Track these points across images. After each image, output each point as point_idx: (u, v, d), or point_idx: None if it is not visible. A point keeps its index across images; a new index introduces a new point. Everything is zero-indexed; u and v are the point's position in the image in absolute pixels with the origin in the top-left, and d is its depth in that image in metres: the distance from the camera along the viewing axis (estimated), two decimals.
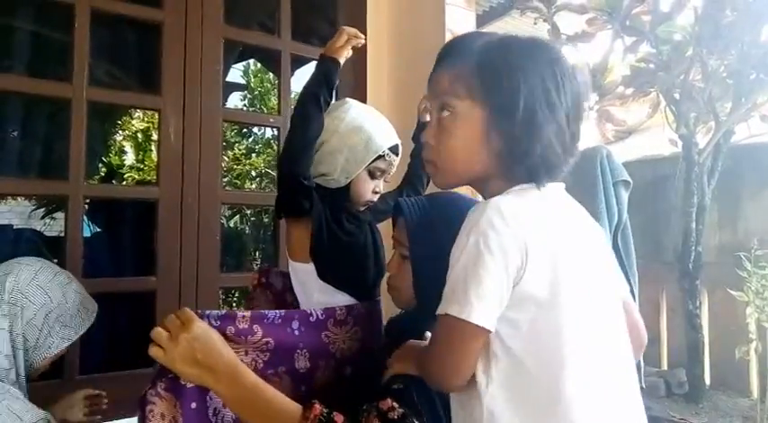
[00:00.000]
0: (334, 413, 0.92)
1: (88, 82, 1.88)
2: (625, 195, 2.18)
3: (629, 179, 2.20)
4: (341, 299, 1.29)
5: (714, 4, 2.93)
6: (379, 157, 1.34)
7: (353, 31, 1.37)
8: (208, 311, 1.03)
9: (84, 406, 1.47)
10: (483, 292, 0.77)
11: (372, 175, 1.36)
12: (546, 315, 0.79)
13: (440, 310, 0.81)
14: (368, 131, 1.34)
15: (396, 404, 0.90)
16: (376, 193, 1.38)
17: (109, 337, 2.39)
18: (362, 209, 1.41)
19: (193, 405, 1.02)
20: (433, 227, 1.01)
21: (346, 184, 1.36)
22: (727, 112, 3.13)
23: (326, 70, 1.33)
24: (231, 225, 6.68)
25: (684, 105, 3.08)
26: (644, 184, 3.60)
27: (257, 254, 5.68)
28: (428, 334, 0.98)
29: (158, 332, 0.95)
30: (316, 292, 1.31)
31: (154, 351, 0.95)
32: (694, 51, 2.98)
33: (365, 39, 1.42)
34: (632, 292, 2.21)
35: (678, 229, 3.27)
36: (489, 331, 0.78)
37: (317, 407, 0.92)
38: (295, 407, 0.94)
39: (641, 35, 3.23)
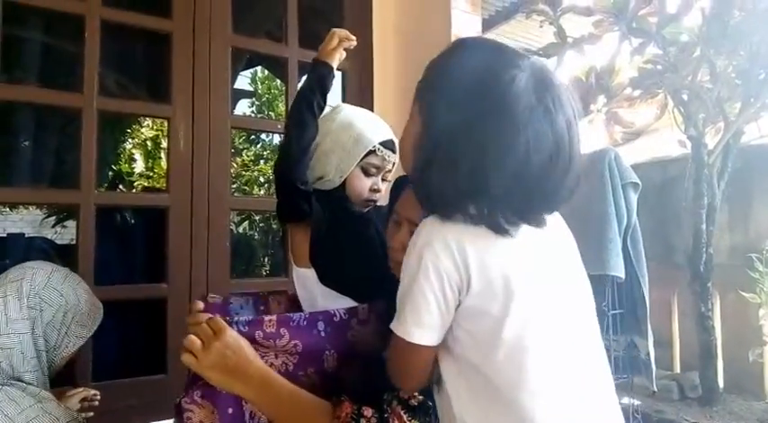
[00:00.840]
0: (363, 408, 0.95)
1: (98, 91, 1.91)
2: (634, 197, 2.17)
3: (638, 181, 2.19)
4: (343, 303, 1.28)
5: (721, 5, 2.92)
6: (371, 152, 1.33)
7: (345, 32, 1.37)
8: (236, 318, 1.05)
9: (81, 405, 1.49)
10: (418, 311, 0.80)
11: (366, 172, 1.35)
12: (500, 325, 0.79)
13: (392, 326, 0.85)
14: (357, 128, 1.34)
15: (415, 392, 0.94)
16: (375, 190, 1.36)
17: (121, 343, 2.40)
18: (366, 209, 1.40)
19: (230, 410, 1.03)
20: None
21: (342, 184, 1.36)
22: (736, 113, 3.11)
23: (320, 75, 1.33)
24: (240, 231, 6.72)
25: (693, 106, 3.07)
26: (653, 186, 3.58)
27: (266, 259, 5.71)
28: None
29: (191, 340, 0.97)
30: (318, 297, 1.31)
31: (186, 358, 0.97)
32: (702, 52, 2.97)
33: (368, 40, 1.43)
34: (643, 294, 2.20)
35: (689, 231, 3.24)
36: (430, 346, 0.82)
37: (347, 404, 0.95)
38: (326, 406, 0.97)
39: (648, 37, 3.22)
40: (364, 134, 1.34)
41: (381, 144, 1.34)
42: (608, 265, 2.00)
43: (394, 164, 1.39)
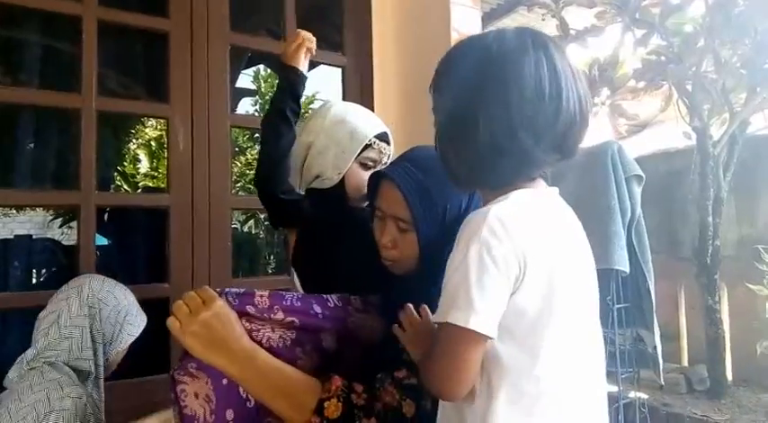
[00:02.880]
0: (354, 383, 0.94)
1: (97, 92, 1.91)
2: (638, 190, 2.15)
3: (642, 174, 2.17)
4: None
5: None
6: (367, 146, 1.32)
7: (306, 35, 1.34)
8: (227, 289, 1.03)
9: None
10: (487, 300, 0.77)
11: (365, 167, 1.33)
12: (536, 326, 0.79)
13: (439, 318, 0.80)
14: (351, 123, 1.32)
15: (410, 372, 0.92)
16: None
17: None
18: (364, 204, 1.38)
19: (224, 381, 1.01)
20: (429, 193, 1.01)
21: (341, 182, 1.34)
22: (741, 103, 3.07)
23: (289, 81, 1.32)
24: (246, 230, 6.73)
25: (697, 97, 3.03)
26: (659, 178, 3.55)
27: (271, 258, 5.71)
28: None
29: (178, 305, 0.96)
30: None
31: (170, 321, 0.95)
32: (706, 42, 2.93)
33: (368, 36, 1.42)
34: (648, 288, 2.18)
35: (695, 224, 3.21)
36: (490, 338, 0.78)
37: (337, 379, 0.94)
38: (314, 382, 0.95)
39: (651, 28, 3.19)
40: (359, 129, 1.32)
41: (377, 137, 1.33)
42: (612, 259, 1.99)
43: (389, 156, 1.38)
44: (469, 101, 0.83)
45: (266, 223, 6.28)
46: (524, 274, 0.78)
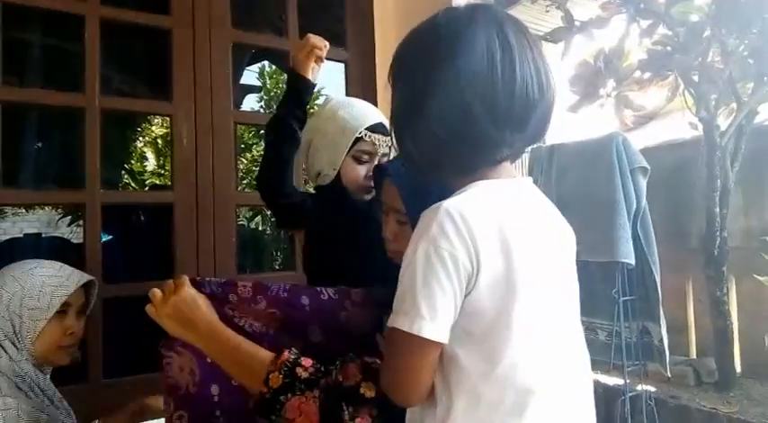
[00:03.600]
0: (302, 358, 0.97)
1: (101, 91, 1.91)
2: (643, 182, 2.13)
3: (647, 166, 2.15)
4: None
5: None
6: (359, 139, 1.32)
7: (316, 40, 1.31)
8: (209, 279, 1.12)
9: None
10: (434, 303, 0.73)
11: (359, 160, 1.34)
12: (495, 327, 0.76)
13: (389, 322, 0.78)
14: (342, 117, 1.33)
15: (379, 360, 0.92)
16: (371, 177, 1.34)
17: (131, 340, 2.42)
18: (368, 197, 1.38)
19: (209, 358, 1.09)
20: (423, 186, 1.00)
21: (339, 177, 1.36)
22: (748, 93, 3.03)
23: (294, 89, 1.31)
24: (253, 226, 6.74)
25: (704, 87, 3.00)
26: (666, 169, 3.51)
27: (278, 253, 5.73)
28: None
29: (153, 292, 1.07)
30: None
31: (147, 307, 1.08)
32: (712, 31, 2.89)
33: (369, 29, 1.40)
34: (654, 280, 2.17)
35: (702, 215, 3.18)
36: (442, 344, 0.76)
37: (286, 353, 0.98)
38: (268, 354, 0.99)
39: (657, 17, 3.15)
40: (349, 123, 1.33)
41: (369, 129, 1.32)
42: (618, 252, 1.98)
43: (390, 146, 1.37)
44: (420, 82, 0.81)
45: (273, 220, 6.30)
46: (478, 273, 0.74)
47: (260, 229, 6.45)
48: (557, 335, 0.82)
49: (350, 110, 1.36)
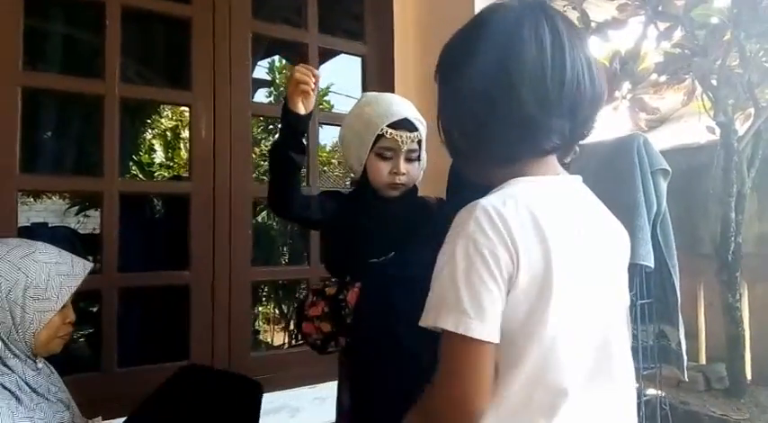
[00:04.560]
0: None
1: (120, 79, 1.90)
2: (663, 184, 2.10)
3: (668, 168, 2.13)
4: None
5: None
6: (380, 136, 1.32)
7: (301, 76, 1.26)
8: None
9: None
10: (480, 301, 0.71)
11: (382, 156, 1.34)
12: (531, 323, 0.74)
13: (428, 321, 0.74)
14: (367, 114, 1.35)
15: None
16: (396, 173, 1.34)
17: (146, 330, 2.42)
18: (395, 194, 1.38)
19: None
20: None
21: (365, 173, 1.38)
22: (767, 98, 3.01)
23: (287, 122, 1.30)
24: (259, 220, 6.72)
25: (722, 91, 2.98)
26: (679, 173, 3.49)
27: (284, 249, 5.71)
28: None
29: None
30: None
31: None
32: (732, 35, 2.87)
33: (388, 24, 1.40)
34: (673, 283, 2.15)
35: (716, 220, 3.16)
36: (493, 344, 0.72)
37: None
38: None
39: (675, 20, 3.12)
40: (372, 119, 1.33)
41: (392, 125, 1.32)
42: (637, 254, 1.95)
43: (419, 141, 1.37)
44: (468, 68, 0.80)
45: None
46: (518, 271, 0.72)
47: (267, 223, 6.43)
48: (595, 338, 0.79)
49: (375, 107, 1.36)
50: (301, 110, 1.28)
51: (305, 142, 1.34)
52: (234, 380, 1.46)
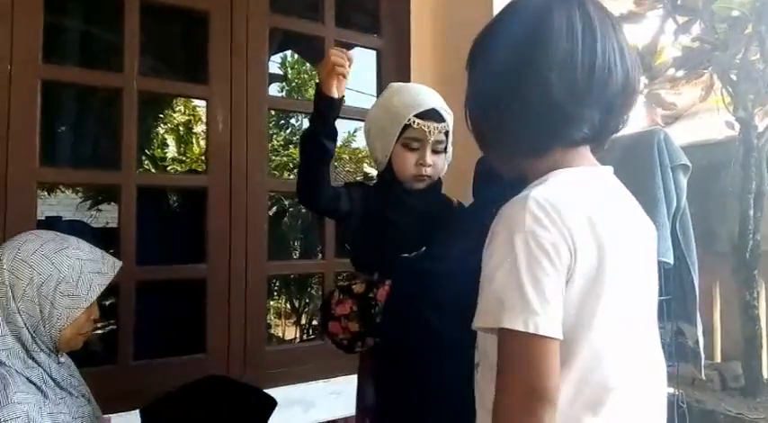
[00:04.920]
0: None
1: (138, 72, 1.90)
2: (684, 180, 2.08)
3: (688, 163, 2.10)
4: None
5: None
6: (407, 126, 1.30)
7: (337, 59, 1.24)
8: None
9: None
10: (545, 296, 0.68)
11: (408, 147, 1.32)
12: (581, 319, 0.72)
13: (489, 323, 0.71)
14: (394, 105, 1.33)
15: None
16: (422, 164, 1.33)
17: (162, 323, 2.42)
18: (421, 186, 1.37)
19: None
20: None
21: (390, 165, 1.36)
22: None
23: (320, 108, 1.28)
24: (270, 214, 6.74)
25: (742, 86, 2.93)
26: (697, 170, 3.45)
27: (296, 243, 5.73)
28: None
29: None
30: None
31: None
32: (753, 29, 2.82)
33: (405, 20, 1.39)
34: (692, 280, 2.13)
35: (734, 217, 3.12)
36: (558, 339, 0.69)
37: None
38: None
39: (694, 14, 3.08)
40: (398, 110, 1.31)
41: (419, 116, 1.30)
42: (657, 251, 1.93)
43: (447, 132, 1.35)
44: (497, 58, 0.79)
45: (290, 209, 6.31)
46: (575, 264, 0.70)
47: (277, 217, 6.45)
48: (637, 333, 0.79)
49: (401, 96, 1.34)
50: (335, 94, 1.26)
51: (336, 128, 1.32)
52: (250, 392, 1.47)
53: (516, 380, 0.69)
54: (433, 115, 1.31)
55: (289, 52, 6.68)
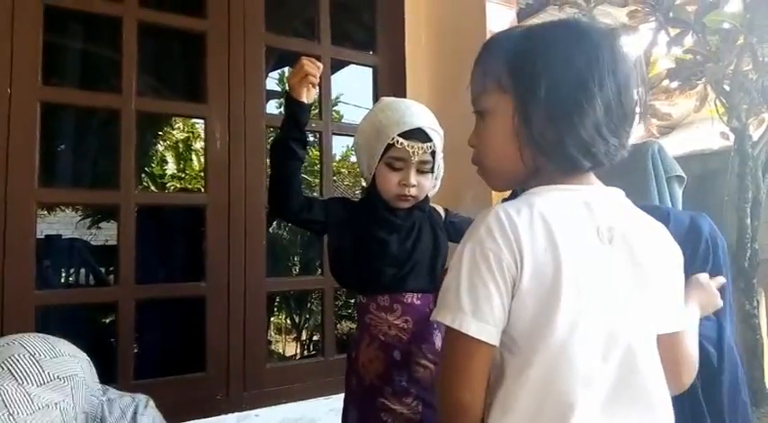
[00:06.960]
0: None
1: (136, 92, 1.92)
2: (679, 191, 2.09)
3: (683, 174, 2.11)
4: None
5: None
6: (390, 145, 1.29)
7: (309, 68, 1.29)
8: None
9: None
10: (477, 300, 0.74)
11: (391, 167, 1.31)
12: (537, 331, 0.74)
13: (434, 316, 0.80)
14: (380, 122, 1.31)
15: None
16: (406, 185, 1.31)
17: (162, 342, 2.42)
18: (404, 205, 1.37)
19: None
20: None
21: (374, 181, 1.36)
22: None
23: (291, 113, 1.31)
24: (270, 231, 6.74)
25: (736, 97, 2.96)
26: (692, 180, 3.46)
27: (296, 258, 5.72)
28: None
29: None
30: None
31: None
32: (745, 40, 2.86)
33: (400, 33, 1.40)
34: None
35: (731, 226, 3.13)
36: (490, 345, 0.74)
37: None
38: None
39: (686, 26, 3.12)
40: (384, 127, 1.29)
41: (404, 135, 1.27)
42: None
43: (433, 153, 1.33)
44: (558, 87, 0.78)
45: (289, 224, 6.31)
46: (521, 275, 0.73)
47: (277, 233, 6.45)
48: (615, 350, 0.77)
49: (389, 113, 1.32)
50: (306, 100, 1.31)
51: (306, 135, 1.35)
52: None
53: (443, 372, 0.78)
54: (418, 135, 1.30)
55: (286, 69, 6.73)
